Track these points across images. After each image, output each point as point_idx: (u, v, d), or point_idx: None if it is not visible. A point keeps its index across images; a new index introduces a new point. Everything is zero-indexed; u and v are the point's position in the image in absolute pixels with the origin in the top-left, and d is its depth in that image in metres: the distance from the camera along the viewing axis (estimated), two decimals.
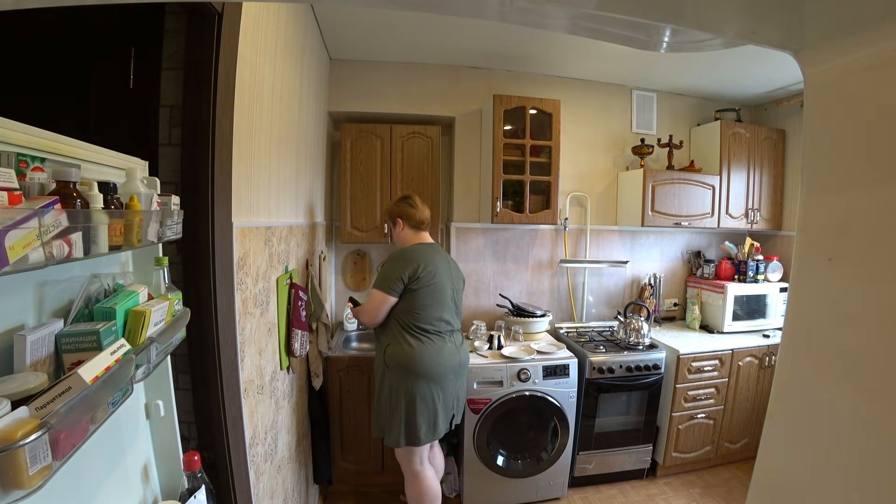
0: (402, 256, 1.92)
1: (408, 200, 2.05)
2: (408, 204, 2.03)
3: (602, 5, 0.42)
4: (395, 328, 1.90)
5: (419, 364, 1.86)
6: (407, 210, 2.02)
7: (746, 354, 2.70)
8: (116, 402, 0.66)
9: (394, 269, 1.88)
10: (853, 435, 0.40)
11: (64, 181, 0.59)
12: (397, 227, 2.03)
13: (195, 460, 0.92)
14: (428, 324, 1.90)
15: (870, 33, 0.38)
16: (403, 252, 1.94)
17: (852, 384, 0.41)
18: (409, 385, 1.85)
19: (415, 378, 1.85)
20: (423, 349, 1.87)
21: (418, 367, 1.85)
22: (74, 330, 0.65)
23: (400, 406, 1.86)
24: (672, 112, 3.18)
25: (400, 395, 1.86)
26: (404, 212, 2.02)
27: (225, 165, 1.17)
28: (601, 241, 3.12)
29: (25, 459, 0.46)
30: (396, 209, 2.03)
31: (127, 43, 1.26)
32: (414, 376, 1.85)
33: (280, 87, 1.64)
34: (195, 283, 1.14)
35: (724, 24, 0.44)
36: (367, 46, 2.54)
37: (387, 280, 1.88)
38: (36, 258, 0.50)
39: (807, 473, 0.44)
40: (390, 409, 1.89)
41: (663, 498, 2.53)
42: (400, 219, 2.02)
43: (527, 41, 2.46)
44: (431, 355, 1.88)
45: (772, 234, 3.22)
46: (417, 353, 1.86)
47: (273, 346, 1.60)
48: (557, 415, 2.39)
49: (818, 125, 0.46)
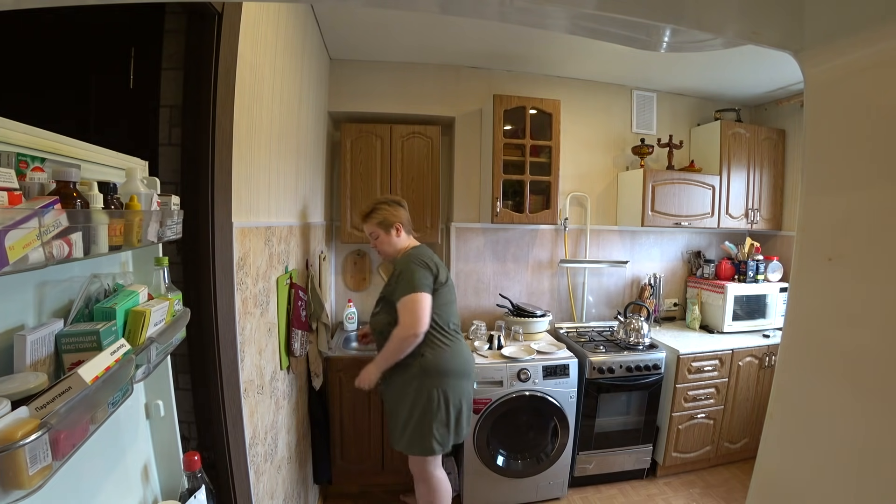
0: (420, 258, 1.84)
1: (401, 204, 1.95)
2: (403, 207, 1.94)
3: (602, 5, 0.42)
4: (429, 332, 1.82)
5: (457, 362, 1.86)
6: (404, 214, 1.94)
7: (746, 354, 2.70)
8: (116, 402, 0.66)
9: (421, 271, 1.80)
10: (853, 435, 0.40)
11: (64, 181, 0.59)
12: (392, 234, 1.91)
13: (195, 460, 0.92)
14: (452, 322, 1.91)
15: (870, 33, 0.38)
16: (417, 254, 1.86)
17: (852, 384, 0.41)
18: (450, 385, 1.83)
19: (455, 378, 1.85)
20: (457, 347, 1.89)
21: (456, 365, 1.86)
22: (74, 330, 0.65)
23: (441, 410, 1.81)
24: (672, 112, 3.18)
25: (440, 398, 1.81)
26: (403, 217, 1.93)
27: (225, 165, 1.17)
28: (601, 241, 3.12)
29: (25, 459, 0.46)
30: (393, 215, 1.90)
31: (127, 43, 1.26)
32: (454, 376, 1.84)
33: (280, 87, 1.64)
34: (195, 283, 1.13)
35: (724, 24, 0.44)
36: (367, 46, 2.54)
37: (420, 280, 1.78)
38: (36, 258, 0.50)
39: (807, 473, 0.44)
40: (431, 416, 1.81)
41: (663, 498, 2.53)
42: (400, 224, 1.91)
43: (527, 41, 2.46)
44: (465, 352, 1.93)
45: (772, 234, 3.22)
46: (453, 351, 1.86)
47: (273, 346, 1.60)
48: (557, 415, 2.39)
49: (818, 125, 0.46)
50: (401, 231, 1.93)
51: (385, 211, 1.91)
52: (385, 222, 1.91)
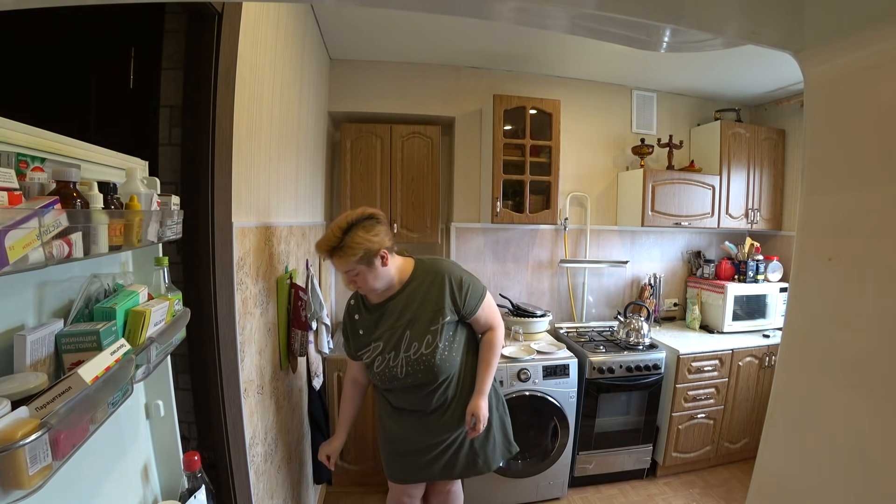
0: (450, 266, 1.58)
1: (376, 218, 1.42)
2: (380, 223, 1.42)
3: (602, 5, 0.42)
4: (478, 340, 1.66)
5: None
6: (384, 231, 1.42)
7: (746, 354, 2.70)
8: (116, 402, 0.66)
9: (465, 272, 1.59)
10: (853, 435, 0.40)
11: (64, 181, 0.59)
12: (378, 265, 1.40)
13: (195, 460, 0.92)
14: None
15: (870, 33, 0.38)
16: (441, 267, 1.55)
17: (852, 384, 0.41)
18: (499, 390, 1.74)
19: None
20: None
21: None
22: (74, 330, 0.65)
23: (507, 414, 1.73)
24: (672, 112, 3.18)
25: (502, 403, 1.74)
26: (385, 237, 1.42)
27: (225, 165, 1.17)
28: (601, 241, 3.12)
29: (25, 459, 0.46)
30: (373, 241, 1.36)
31: (127, 43, 1.26)
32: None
33: (280, 87, 1.64)
34: (195, 283, 1.14)
35: (724, 24, 0.44)
36: (368, 46, 2.54)
37: (476, 279, 1.61)
38: (36, 258, 0.50)
39: (807, 473, 0.44)
40: (506, 413, 1.73)
41: (663, 498, 2.53)
42: (385, 249, 1.41)
43: (527, 41, 2.46)
44: None
45: (772, 234, 3.22)
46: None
47: (273, 346, 1.60)
48: (557, 415, 2.39)
49: (818, 125, 0.46)
50: (388, 256, 1.43)
51: (361, 239, 1.35)
52: (367, 255, 1.36)
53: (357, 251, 1.35)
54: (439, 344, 1.47)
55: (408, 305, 1.50)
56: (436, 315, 1.48)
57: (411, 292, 1.50)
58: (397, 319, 1.50)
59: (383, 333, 1.50)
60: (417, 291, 1.50)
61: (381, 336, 1.51)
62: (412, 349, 1.47)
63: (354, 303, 1.61)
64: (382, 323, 1.52)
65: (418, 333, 1.48)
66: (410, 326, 1.48)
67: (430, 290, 1.50)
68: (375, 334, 1.52)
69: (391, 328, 1.50)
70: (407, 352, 1.47)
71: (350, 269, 1.39)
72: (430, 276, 1.52)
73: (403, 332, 1.48)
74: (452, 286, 1.51)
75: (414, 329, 1.48)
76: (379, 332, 1.51)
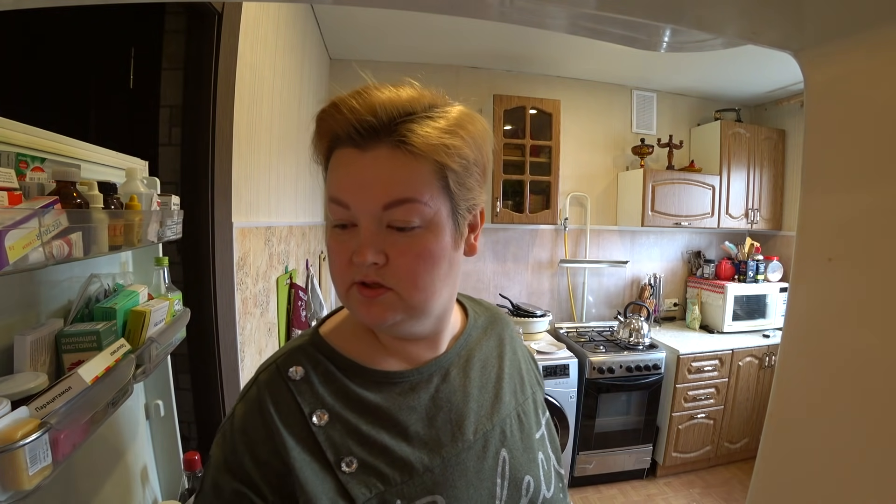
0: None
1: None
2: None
3: (602, 5, 0.42)
4: None
5: None
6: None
7: (746, 354, 2.70)
8: (116, 402, 0.66)
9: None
10: (854, 435, 0.40)
11: (64, 181, 0.59)
12: (473, 236, 0.56)
13: (195, 460, 0.92)
14: None
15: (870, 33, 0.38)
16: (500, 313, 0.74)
17: (853, 384, 0.41)
18: None
19: None
20: None
21: None
22: (74, 330, 0.65)
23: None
24: (672, 112, 3.18)
25: None
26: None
27: (225, 165, 1.17)
28: (601, 241, 3.12)
29: (25, 459, 0.46)
30: (479, 173, 0.57)
31: (127, 43, 1.26)
32: None
33: (280, 87, 1.64)
34: (195, 283, 1.14)
35: (724, 24, 0.44)
36: (368, 46, 2.54)
37: None
38: (36, 258, 0.50)
39: (807, 474, 0.44)
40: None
41: (663, 498, 2.53)
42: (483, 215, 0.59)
43: (527, 41, 2.46)
44: None
45: (772, 234, 3.22)
46: None
47: (273, 346, 1.60)
48: (557, 415, 2.39)
49: (818, 125, 0.46)
50: (479, 228, 0.57)
51: (458, 140, 0.49)
52: (459, 184, 0.50)
53: (450, 153, 0.48)
54: (560, 470, 0.61)
55: (484, 386, 0.57)
56: (537, 410, 0.62)
57: (484, 359, 0.59)
58: (477, 418, 0.53)
59: (447, 460, 0.49)
60: (490, 357, 0.60)
61: (440, 470, 0.48)
62: (528, 491, 0.53)
63: (301, 381, 0.49)
64: (434, 426, 0.50)
65: (525, 452, 0.56)
66: (505, 439, 0.54)
67: (513, 356, 0.63)
68: (418, 462, 0.47)
69: (464, 442, 0.51)
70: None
71: (401, 200, 0.45)
72: (494, 325, 0.65)
73: (498, 453, 0.53)
74: (527, 349, 0.70)
75: (514, 443, 0.55)
76: (430, 458, 0.48)
